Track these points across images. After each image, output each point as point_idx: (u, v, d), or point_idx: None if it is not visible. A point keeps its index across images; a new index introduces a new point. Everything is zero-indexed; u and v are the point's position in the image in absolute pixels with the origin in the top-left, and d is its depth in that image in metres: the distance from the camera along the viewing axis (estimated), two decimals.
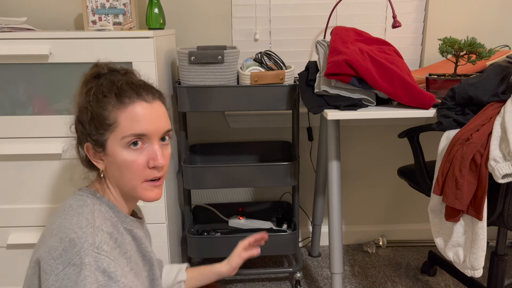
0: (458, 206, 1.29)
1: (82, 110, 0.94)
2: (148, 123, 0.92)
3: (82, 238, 0.83)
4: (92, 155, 0.96)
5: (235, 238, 1.78)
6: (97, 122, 0.92)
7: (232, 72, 1.65)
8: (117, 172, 0.93)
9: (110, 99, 0.91)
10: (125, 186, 0.95)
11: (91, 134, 0.93)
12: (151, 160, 0.93)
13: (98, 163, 0.96)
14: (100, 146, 0.93)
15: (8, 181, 1.55)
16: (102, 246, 0.84)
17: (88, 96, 0.94)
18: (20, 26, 1.55)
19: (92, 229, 0.86)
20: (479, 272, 1.34)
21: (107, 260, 0.83)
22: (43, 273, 0.83)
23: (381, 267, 2.05)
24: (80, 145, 0.98)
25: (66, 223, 0.87)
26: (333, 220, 1.60)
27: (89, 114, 0.92)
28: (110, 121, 0.91)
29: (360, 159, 2.19)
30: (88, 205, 0.91)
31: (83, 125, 0.94)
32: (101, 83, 0.95)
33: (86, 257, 0.81)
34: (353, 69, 1.45)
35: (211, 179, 1.72)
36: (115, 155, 0.92)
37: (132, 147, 0.91)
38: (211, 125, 2.11)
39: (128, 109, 0.91)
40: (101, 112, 0.91)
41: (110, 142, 0.92)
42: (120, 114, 0.91)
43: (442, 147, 1.38)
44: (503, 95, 1.30)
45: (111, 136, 0.91)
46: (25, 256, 1.62)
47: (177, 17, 1.98)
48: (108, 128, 0.91)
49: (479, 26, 2.03)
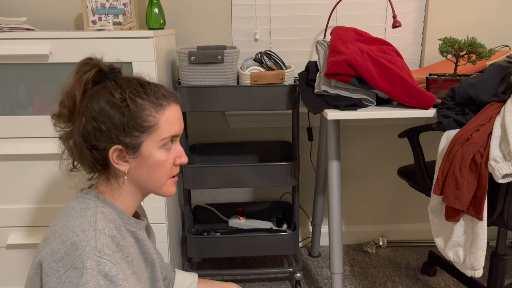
0: (458, 206, 1.29)
1: (107, 112, 0.90)
2: (179, 125, 0.98)
3: (84, 241, 0.83)
4: (116, 157, 0.92)
5: (235, 238, 1.78)
6: (134, 124, 0.90)
7: (232, 72, 1.65)
8: (146, 172, 0.95)
9: (148, 101, 0.92)
10: (151, 185, 0.97)
11: (122, 137, 0.90)
12: (177, 158, 0.98)
13: (121, 166, 0.93)
14: (133, 149, 0.92)
15: (8, 181, 1.55)
16: (104, 250, 0.84)
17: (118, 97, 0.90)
18: (20, 26, 1.55)
19: (94, 232, 0.85)
20: (479, 272, 1.34)
21: (108, 264, 0.83)
22: (44, 275, 0.83)
23: (381, 267, 2.05)
24: (94, 148, 0.92)
25: (68, 226, 0.87)
26: (333, 220, 1.60)
27: (125, 117, 0.90)
28: (149, 123, 0.92)
29: (360, 159, 2.19)
30: (91, 207, 0.90)
31: (109, 127, 0.90)
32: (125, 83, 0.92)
33: (88, 260, 0.81)
34: (353, 69, 1.45)
35: (211, 179, 1.72)
36: (150, 156, 0.94)
37: (166, 147, 0.95)
38: (211, 125, 2.11)
39: (166, 112, 0.94)
40: (139, 114, 0.91)
41: (146, 144, 0.93)
42: (159, 116, 0.93)
43: (442, 147, 1.38)
44: (503, 95, 1.30)
45: (149, 138, 0.93)
46: (25, 256, 1.62)
47: (177, 17, 1.98)
48: (146, 131, 0.92)
49: (479, 26, 2.03)
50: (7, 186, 1.55)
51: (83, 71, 0.93)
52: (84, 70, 0.93)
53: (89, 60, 0.95)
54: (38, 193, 1.56)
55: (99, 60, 0.96)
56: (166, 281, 1.22)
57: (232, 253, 1.80)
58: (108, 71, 0.95)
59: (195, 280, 1.26)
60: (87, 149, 0.92)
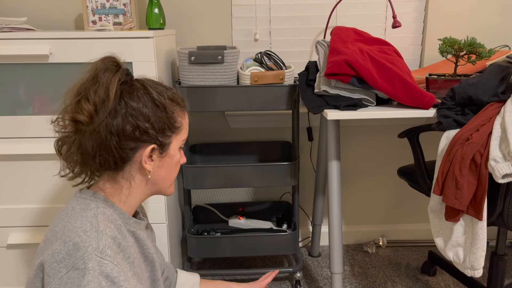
0: (458, 206, 1.29)
1: (148, 111, 0.92)
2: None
3: (86, 242, 0.83)
4: (147, 158, 0.95)
5: (235, 238, 1.78)
6: (169, 124, 0.96)
7: (232, 72, 1.65)
8: (166, 171, 1.00)
9: (176, 103, 0.99)
10: (164, 184, 1.02)
11: (159, 136, 0.95)
12: (182, 159, 1.06)
13: (148, 165, 0.96)
14: (163, 148, 0.97)
15: (8, 181, 1.55)
16: (106, 251, 0.84)
17: (159, 98, 0.94)
18: (20, 26, 1.55)
19: (96, 233, 0.85)
20: (479, 272, 1.34)
21: (110, 265, 0.83)
22: (46, 276, 0.83)
23: (381, 267, 2.05)
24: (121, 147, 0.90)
25: (69, 226, 0.87)
26: (333, 220, 1.60)
27: (166, 117, 0.95)
28: (178, 124, 0.99)
29: (360, 159, 2.19)
30: (92, 208, 0.90)
31: (148, 127, 0.92)
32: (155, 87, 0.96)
33: (90, 261, 0.81)
34: (353, 69, 1.45)
35: (211, 179, 1.72)
36: (174, 155, 1.00)
37: (181, 147, 1.04)
38: (211, 125, 2.11)
39: (186, 115, 1.02)
40: (172, 115, 0.97)
41: (174, 144, 0.99)
42: (184, 118, 1.01)
43: (442, 147, 1.38)
44: (503, 95, 1.30)
45: (176, 138, 0.99)
46: (25, 256, 1.62)
47: (177, 17, 1.98)
48: (175, 131, 0.98)
49: (479, 26, 2.03)
50: (7, 186, 1.55)
51: (114, 70, 0.91)
52: (114, 69, 0.91)
53: (115, 59, 0.93)
54: (38, 193, 1.56)
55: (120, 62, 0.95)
56: (167, 282, 1.22)
57: (232, 253, 1.80)
58: (128, 72, 0.96)
59: (197, 281, 1.26)
60: (114, 148, 0.89)
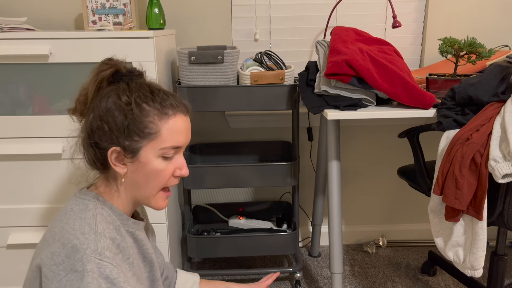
0: (458, 206, 1.29)
1: (112, 112, 0.89)
2: (184, 137, 0.95)
3: (85, 244, 0.83)
4: (115, 159, 0.92)
5: (235, 238, 1.78)
6: (135, 129, 0.90)
7: (232, 72, 1.65)
8: (142, 178, 0.93)
9: (153, 108, 0.91)
10: (143, 193, 0.95)
11: (122, 139, 0.90)
12: (177, 170, 0.96)
13: (119, 168, 0.92)
14: (131, 152, 0.91)
15: (8, 181, 1.55)
16: (105, 252, 0.84)
17: (125, 99, 0.90)
18: (20, 26, 1.55)
19: (95, 235, 0.85)
20: (479, 272, 1.34)
21: (109, 266, 0.83)
22: (44, 278, 0.83)
23: (381, 267, 2.05)
24: (95, 146, 0.92)
25: (68, 228, 0.86)
26: (333, 220, 1.60)
27: (127, 120, 0.89)
28: (151, 130, 0.90)
29: (360, 159, 2.19)
30: (90, 209, 0.90)
31: (111, 128, 0.90)
32: (136, 87, 0.92)
33: (89, 263, 0.81)
34: (353, 69, 1.45)
35: (211, 179, 1.72)
36: (148, 163, 0.92)
37: (166, 156, 0.93)
38: (211, 125, 2.11)
39: (170, 121, 0.92)
40: (142, 120, 0.90)
41: (145, 150, 0.91)
42: (162, 125, 0.91)
43: (442, 147, 1.38)
44: (503, 95, 1.30)
45: (149, 144, 0.91)
46: (25, 256, 1.62)
47: (177, 17, 1.98)
48: (147, 137, 0.90)
49: (479, 26, 2.03)
50: (7, 186, 1.55)
51: (100, 70, 0.93)
52: (101, 69, 0.94)
53: (108, 61, 0.95)
54: (38, 193, 1.56)
55: (119, 61, 0.96)
56: (167, 282, 1.22)
57: (232, 253, 1.80)
58: (125, 73, 0.95)
59: (196, 281, 1.26)
60: (90, 146, 0.93)
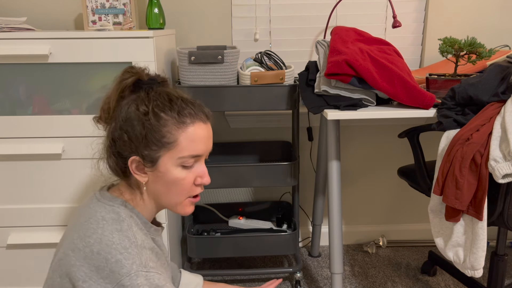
0: (458, 206, 1.29)
1: (131, 122, 0.90)
2: (204, 145, 0.94)
3: (130, 260, 0.84)
4: (136, 168, 0.92)
5: (235, 238, 1.78)
6: (153, 138, 0.89)
7: (232, 72, 1.65)
8: (164, 187, 0.93)
9: (171, 116, 0.90)
10: (168, 201, 0.95)
11: (142, 148, 0.90)
12: (198, 178, 0.95)
13: (140, 176, 0.93)
14: (151, 162, 0.91)
15: (8, 181, 1.55)
16: (149, 264, 0.86)
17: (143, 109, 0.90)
18: (20, 26, 1.55)
19: (137, 249, 0.86)
20: (479, 272, 1.34)
21: (156, 275, 0.85)
22: None
23: (381, 267, 2.05)
24: (118, 154, 0.93)
25: (107, 242, 0.86)
26: (333, 220, 1.60)
27: (145, 129, 0.89)
28: (168, 139, 0.90)
29: (360, 159, 2.19)
30: (124, 219, 0.89)
31: (131, 137, 0.90)
32: (154, 96, 0.91)
33: (138, 278, 0.83)
34: (353, 69, 1.45)
35: (211, 179, 1.72)
36: (167, 172, 0.92)
37: (185, 165, 0.93)
38: (211, 125, 2.11)
39: (188, 130, 0.91)
40: (160, 129, 0.89)
41: (164, 159, 0.91)
42: (180, 134, 0.91)
43: (442, 147, 1.38)
44: (503, 95, 1.30)
45: (167, 154, 0.91)
46: (25, 256, 1.62)
47: (177, 17, 1.98)
48: (166, 146, 0.90)
49: (479, 26, 2.03)
50: (7, 186, 1.55)
51: (122, 79, 0.94)
52: (123, 78, 0.94)
53: (130, 69, 0.95)
54: (37, 193, 1.56)
55: (141, 69, 0.96)
56: None
57: (232, 253, 1.80)
58: (146, 81, 0.94)
59: (199, 282, 1.26)
60: (112, 154, 0.94)
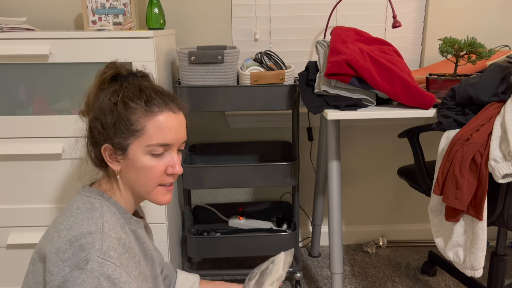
0: (458, 206, 1.29)
1: (104, 111, 0.93)
2: (172, 134, 0.95)
3: (90, 244, 0.85)
4: (109, 156, 0.95)
5: (235, 238, 1.78)
6: (122, 126, 0.92)
7: (232, 72, 1.65)
8: (134, 175, 0.95)
9: (139, 105, 0.93)
10: (140, 189, 0.97)
11: (112, 136, 0.93)
12: (169, 168, 0.97)
13: (113, 164, 0.96)
14: (121, 149, 0.94)
15: (8, 181, 1.55)
16: (109, 252, 0.85)
17: (114, 99, 0.93)
18: (20, 26, 1.55)
19: (101, 235, 0.87)
20: (479, 272, 1.34)
21: (112, 266, 0.84)
22: (48, 274, 0.85)
23: (381, 267, 2.05)
24: (95, 144, 0.97)
25: (75, 227, 0.88)
26: (333, 220, 1.60)
27: (114, 117, 0.92)
28: (136, 127, 0.92)
29: (360, 159, 2.19)
30: (97, 208, 0.92)
31: (104, 126, 0.94)
32: (127, 87, 0.95)
33: (91, 262, 0.83)
34: (353, 69, 1.45)
35: (211, 179, 1.72)
36: (136, 159, 0.94)
37: (154, 153, 0.94)
38: (211, 125, 2.11)
39: (156, 118, 0.93)
40: (128, 117, 0.92)
41: (133, 147, 0.94)
42: (148, 122, 0.93)
43: (442, 147, 1.38)
44: (503, 95, 1.30)
45: (136, 141, 0.93)
46: (25, 256, 1.62)
47: (177, 17, 1.98)
48: (134, 134, 0.93)
49: (479, 26, 2.03)
50: (7, 186, 1.55)
51: (103, 73, 0.98)
52: (103, 72, 0.98)
53: (112, 64, 0.99)
54: (37, 193, 1.56)
55: (122, 64, 1.00)
56: (167, 281, 1.22)
57: (232, 253, 1.80)
58: (124, 75, 0.98)
59: (196, 281, 1.26)
60: (91, 145, 0.98)
